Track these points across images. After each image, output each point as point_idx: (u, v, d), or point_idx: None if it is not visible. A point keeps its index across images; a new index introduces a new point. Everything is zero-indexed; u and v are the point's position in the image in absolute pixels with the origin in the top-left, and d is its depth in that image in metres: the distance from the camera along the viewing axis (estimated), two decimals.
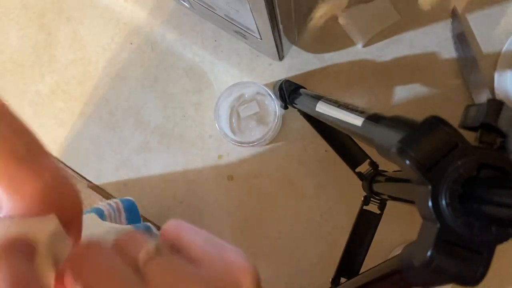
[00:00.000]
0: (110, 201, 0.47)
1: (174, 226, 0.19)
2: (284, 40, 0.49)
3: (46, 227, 0.17)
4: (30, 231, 0.16)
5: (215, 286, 0.16)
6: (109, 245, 0.18)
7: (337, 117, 0.32)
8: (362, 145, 0.49)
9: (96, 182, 0.59)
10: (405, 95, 0.55)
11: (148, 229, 0.43)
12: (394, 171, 0.44)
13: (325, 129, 0.51)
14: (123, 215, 0.47)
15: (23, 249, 0.15)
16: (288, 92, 0.50)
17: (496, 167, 0.20)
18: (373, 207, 0.45)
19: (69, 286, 0.16)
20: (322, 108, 0.37)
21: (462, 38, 0.53)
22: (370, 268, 0.28)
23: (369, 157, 0.48)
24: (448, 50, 0.54)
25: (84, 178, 0.59)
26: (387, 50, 0.55)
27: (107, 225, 0.38)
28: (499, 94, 0.52)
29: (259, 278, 0.18)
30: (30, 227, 0.16)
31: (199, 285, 0.16)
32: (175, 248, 0.18)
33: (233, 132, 0.55)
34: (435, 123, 0.21)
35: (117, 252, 0.17)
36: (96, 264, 0.16)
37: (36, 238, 0.16)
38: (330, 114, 0.34)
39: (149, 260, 0.17)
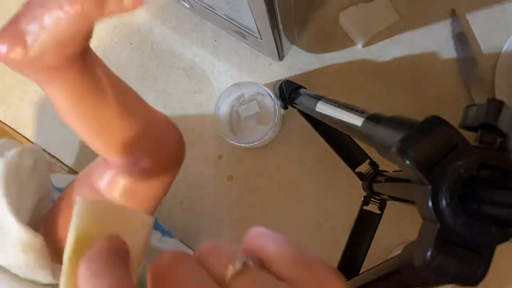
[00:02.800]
0: None
1: (258, 236, 0.17)
2: (284, 40, 0.49)
3: (138, 232, 0.17)
4: (128, 234, 0.16)
5: None
6: (193, 257, 0.17)
7: (337, 117, 0.32)
8: (362, 145, 0.49)
9: None
10: (405, 95, 0.55)
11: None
12: (394, 171, 0.44)
13: (325, 129, 0.51)
14: None
15: (122, 255, 0.16)
16: (288, 92, 0.50)
17: (496, 167, 0.20)
18: (373, 207, 0.45)
19: None
20: (322, 108, 0.37)
21: (462, 38, 0.53)
22: (370, 268, 0.28)
23: (369, 157, 0.48)
24: (448, 50, 0.54)
25: None
26: (387, 50, 0.55)
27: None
28: (499, 94, 0.52)
29: None
30: (123, 226, 0.16)
31: None
32: (264, 266, 0.17)
33: (233, 132, 0.55)
34: (435, 123, 0.21)
35: (201, 265, 0.16)
36: (181, 278, 0.15)
37: (131, 242, 0.16)
38: (330, 114, 0.34)
39: (236, 277, 0.16)
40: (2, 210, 0.27)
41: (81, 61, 0.23)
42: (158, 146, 0.28)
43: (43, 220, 0.31)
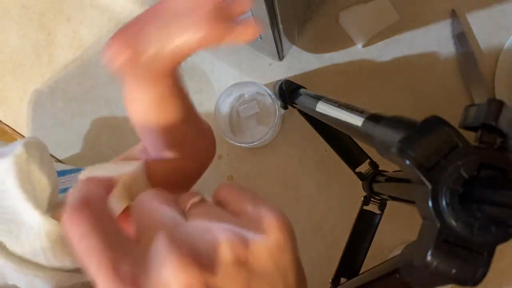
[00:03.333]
0: None
1: (224, 187, 0.22)
2: (284, 40, 0.49)
3: (128, 169, 0.21)
4: (116, 173, 0.20)
5: (240, 229, 0.18)
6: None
7: (337, 117, 0.32)
8: (362, 145, 0.49)
9: None
10: (405, 95, 0.55)
11: None
12: (394, 171, 0.44)
13: (325, 129, 0.51)
14: None
15: (103, 183, 0.20)
16: (288, 92, 0.50)
17: (496, 167, 0.20)
18: (373, 207, 0.45)
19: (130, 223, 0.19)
20: (322, 108, 0.37)
21: (462, 38, 0.53)
22: (370, 268, 0.28)
23: (369, 157, 0.48)
24: (448, 50, 0.54)
25: None
26: (387, 50, 0.55)
27: None
28: (499, 93, 0.52)
29: (287, 233, 0.19)
30: (116, 170, 0.20)
31: (226, 227, 0.18)
32: (221, 205, 0.21)
33: (233, 132, 0.55)
34: (435, 123, 0.20)
35: (174, 200, 0.20)
36: (149, 207, 0.19)
37: (118, 177, 0.20)
38: (330, 114, 0.34)
39: (192, 207, 0.20)
40: (21, 205, 0.28)
41: (177, 71, 0.27)
42: (201, 148, 0.33)
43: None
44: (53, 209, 0.31)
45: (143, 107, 0.28)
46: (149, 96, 0.27)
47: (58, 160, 0.60)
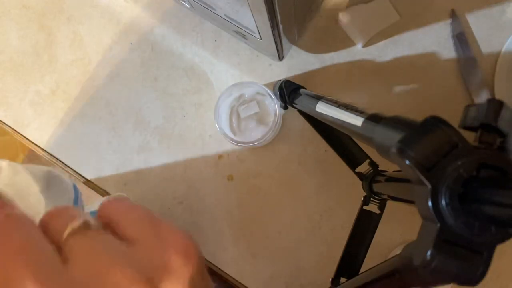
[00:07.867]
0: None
1: (110, 203, 0.17)
2: (284, 40, 0.49)
3: None
4: None
5: (142, 266, 0.14)
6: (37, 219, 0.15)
7: (337, 117, 0.32)
8: (362, 145, 0.49)
9: (96, 182, 0.59)
10: (405, 95, 0.55)
11: None
12: (394, 171, 0.44)
13: (325, 129, 0.51)
14: None
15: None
16: (288, 92, 0.50)
17: (496, 167, 0.20)
18: (373, 207, 0.45)
19: None
20: (322, 108, 0.37)
21: (462, 38, 0.53)
22: (370, 268, 0.28)
23: (369, 157, 0.48)
24: (447, 50, 0.54)
25: (83, 177, 0.59)
26: (387, 50, 0.55)
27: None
28: (499, 93, 0.52)
29: (197, 261, 0.16)
30: None
31: (123, 266, 0.14)
32: (110, 227, 0.16)
33: (233, 132, 0.55)
34: (435, 123, 0.21)
35: (41, 227, 0.15)
36: (9, 239, 0.14)
37: None
38: (330, 114, 0.34)
39: (71, 237, 0.15)
40: None
41: None
42: None
43: None
44: None
45: None
46: None
47: (71, 168, 0.59)
